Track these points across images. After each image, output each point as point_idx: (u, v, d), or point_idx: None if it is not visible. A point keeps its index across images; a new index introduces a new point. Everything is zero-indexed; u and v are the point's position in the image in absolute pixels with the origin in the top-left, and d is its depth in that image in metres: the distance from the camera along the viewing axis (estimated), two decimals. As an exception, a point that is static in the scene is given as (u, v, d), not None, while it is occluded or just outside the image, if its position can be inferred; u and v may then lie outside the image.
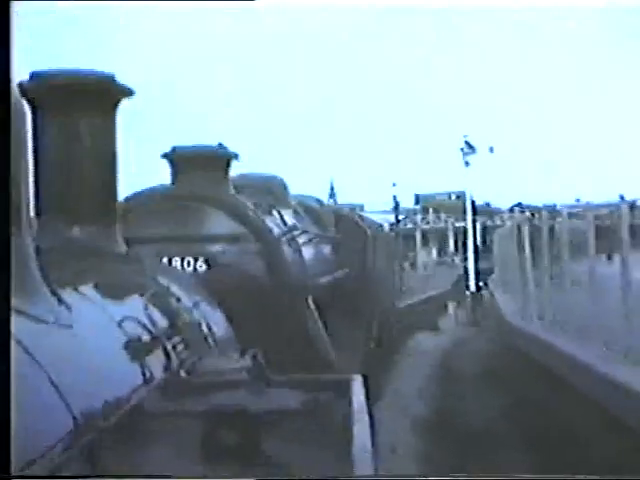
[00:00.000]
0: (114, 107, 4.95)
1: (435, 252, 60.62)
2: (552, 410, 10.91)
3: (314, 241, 10.76)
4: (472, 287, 37.23)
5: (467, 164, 38.69)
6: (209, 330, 5.10)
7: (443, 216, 65.88)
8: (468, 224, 39.24)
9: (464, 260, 44.84)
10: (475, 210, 39.87)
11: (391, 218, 44.76)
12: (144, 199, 8.39)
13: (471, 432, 11.84)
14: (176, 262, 7.94)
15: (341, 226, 13.33)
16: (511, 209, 62.61)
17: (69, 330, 3.25)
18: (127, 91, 4.97)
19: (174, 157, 8.80)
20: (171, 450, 2.91)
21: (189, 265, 8.06)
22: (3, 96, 2.44)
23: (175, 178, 8.78)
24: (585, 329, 11.48)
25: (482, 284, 36.00)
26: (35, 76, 4.68)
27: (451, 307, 35.05)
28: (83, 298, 3.90)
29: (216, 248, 8.29)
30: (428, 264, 50.14)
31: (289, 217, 10.05)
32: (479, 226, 40.61)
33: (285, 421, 3.10)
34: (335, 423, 3.17)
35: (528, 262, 16.19)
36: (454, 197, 68.03)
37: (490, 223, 43.89)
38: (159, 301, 4.64)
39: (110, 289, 4.37)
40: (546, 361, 12.37)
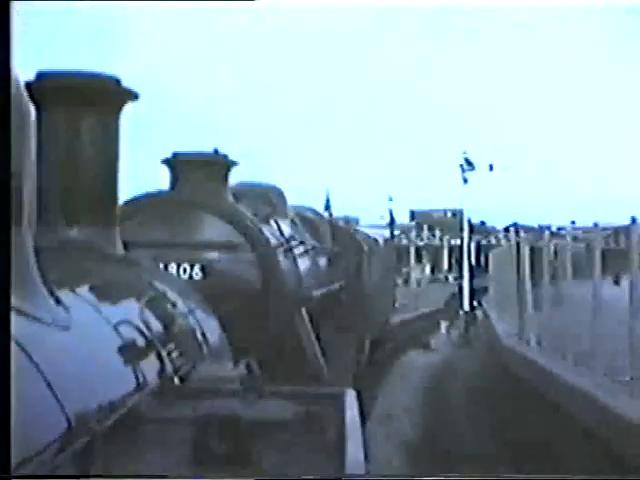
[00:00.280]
0: (118, 110, 4.96)
1: (429, 269, 60.52)
2: (547, 439, 10.60)
3: (310, 253, 10.77)
4: (466, 306, 36.93)
5: (465, 181, 38.51)
6: (203, 337, 5.10)
7: (438, 233, 65.86)
8: (464, 242, 39.00)
9: (458, 278, 44.68)
10: (472, 228, 39.77)
11: (386, 233, 44.65)
12: (143, 204, 8.39)
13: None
14: (172, 268, 7.94)
15: (338, 239, 13.35)
16: (506, 229, 62.65)
17: (66, 331, 3.25)
18: (132, 94, 4.98)
19: (174, 162, 8.81)
20: (162, 455, 2.91)
21: (185, 271, 8.06)
22: (3, 96, 2.43)
23: (174, 183, 8.79)
24: (586, 355, 10.99)
25: (476, 303, 35.74)
26: (41, 76, 4.68)
27: (443, 326, 34.65)
28: (80, 300, 3.89)
29: (212, 255, 8.29)
30: (421, 281, 49.99)
31: (286, 227, 10.06)
32: (474, 245, 40.38)
33: (277, 432, 3.10)
34: (328, 436, 3.17)
35: (527, 283, 15.72)
36: (449, 214, 68.15)
37: (485, 242, 43.75)
38: (155, 306, 4.63)
39: (107, 292, 4.36)
40: (545, 388, 11.91)
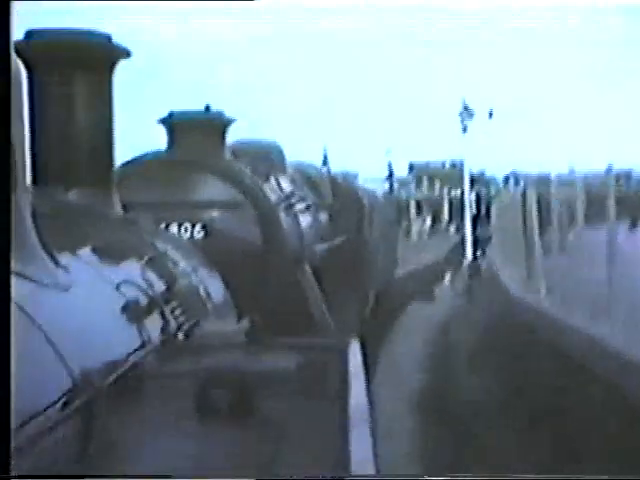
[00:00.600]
0: (111, 68, 4.88)
1: (429, 221, 60.17)
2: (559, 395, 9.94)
3: (311, 209, 10.75)
4: (469, 255, 36.75)
5: (465, 130, 37.56)
6: (207, 295, 5.12)
7: (438, 185, 65.49)
8: (466, 191, 38.44)
9: (459, 229, 44.48)
10: (472, 178, 39.38)
11: (385, 186, 44.30)
12: (141, 164, 8.36)
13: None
14: (173, 228, 7.94)
15: (338, 194, 13.32)
16: (506, 178, 62.18)
17: (67, 292, 3.26)
18: (124, 52, 4.90)
19: (171, 122, 8.76)
20: (166, 408, 2.94)
21: (186, 231, 8.06)
22: (3, 95, 2.42)
23: (172, 144, 8.75)
24: (602, 305, 10.40)
25: (480, 253, 35.64)
26: (30, 35, 4.61)
27: (447, 276, 34.50)
28: (81, 261, 3.91)
29: (213, 214, 8.28)
30: (422, 233, 49.71)
31: (286, 184, 10.04)
32: (474, 195, 39.75)
33: (281, 383, 3.12)
34: (331, 385, 3.19)
35: (535, 230, 14.98)
36: (449, 165, 67.78)
37: (485, 192, 43.37)
38: (157, 265, 4.65)
39: (108, 253, 4.37)
40: (557, 341, 11.21)
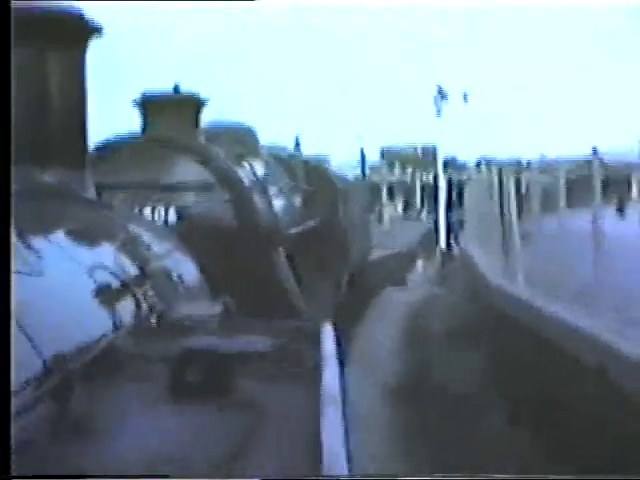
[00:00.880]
0: (83, 45, 4.79)
1: (401, 206, 59.99)
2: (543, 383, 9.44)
3: (285, 192, 10.75)
4: (442, 242, 36.50)
5: (439, 113, 37.10)
6: (180, 278, 5.10)
7: (409, 170, 65.45)
8: (440, 177, 38.09)
9: (431, 214, 44.27)
10: (445, 163, 39.15)
11: (357, 171, 43.98)
12: (116, 146, 8.32)
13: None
14: (147, 211, 7.90)
15: (311, 178, 13.32)
16: (478, 163, 62.07)
17: (39, 277, 3.24)
18: (96, 29, 4.82)
19: (144, 103, 8.72)
20: (140, 390, 2.93)
21: (160, 214, 8.03)
22: (4, 95, 2.39)
23: (145, 125, 8.71)
24: (584, 293, 9.89)
25: (453, 239, 35.44)
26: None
27: (420, 263, 34.15)
28: (54, 245, 3.88)
29: (187, 197, 8.26)
30: (394, 219, 49.53)
31: (260, 167, 10.03)
32: (446, 180, 39.20)
33: (254, 364, 3.13)
34: (304, 368, 3.20)
35: (513, 216, 14.51)
36: (420, 151, 67.84)
37: (457, 177, 43.18)
38: (129, 249, 4.63)
39: (81, 235, 4.35)
40: (539, 329, 10.55)
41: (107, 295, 3.78)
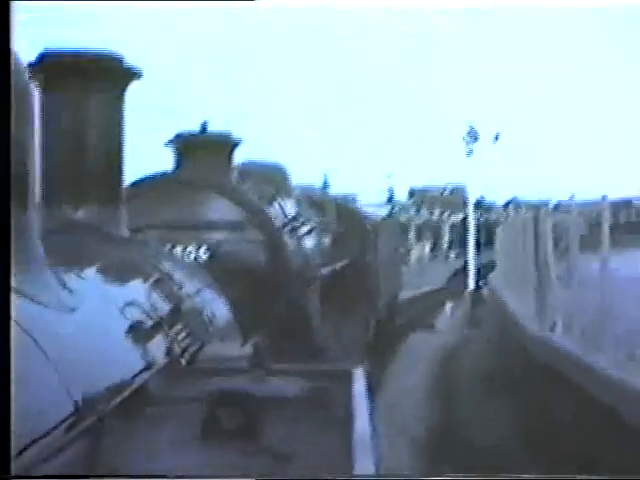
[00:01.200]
0: (123, 89, 4.92)
1: (428, 247, 59.57)
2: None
3: (315, 231, 10.75)
4: (471, 284, 35.79)
5: (470, 153, 36.78)
6: (211, 317, 5.10)
7: (437, 210, 65.18)
8: (470, 217, 37.56)
9: (459, 256, 43.75)
10: (477, 204, 38.70)
11: (385, 211, 43.80)
12: (148, 185, 8.37)
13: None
14: (179, 249, 7.92)
15: (342, 217, 13.33)
16: (506, 204, 61.56)
17: (72, 314, 3.24)
18: (136, 73, 4.94)
19: (178, 143, 8.79)
20: (170, 432, 2.92)
21: (191, 253, 8.05)
22: (4, 95, 2.42)
23: (179, 164, 8.77)
24: (630, 342, 9.21)
25: (482, 281, 34.82)
26: (44, 55, 4.65)
27: (448, 305, 33.39)
28: (87, 282, 3.89)
29: (219, 236, 8.28)
30: (422, 259, 49.07)
31: (291, 206, 10.05)
32: (474, 221, 38.65)
33: (285, 408, 3.10)
34: (335, 413, 3.17)
35: (551, 259, 13.77)
36: (449, 191, 67.64)
37: (485, 218, 42.68)
38: (162, 287, 4.63)
39: (114, 273, 4.36)
40: (583, 384, 9.66)
41: (139, 333, 3.78)
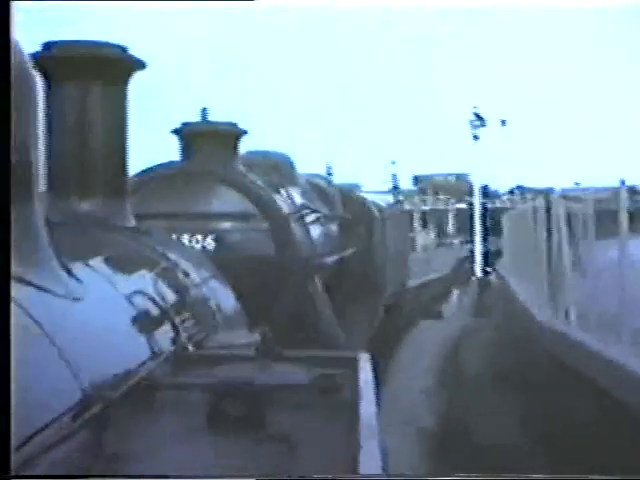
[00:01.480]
0: (126, 79, 4.93)
1: (433, 234, 59.42)
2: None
3: (322, 220, 10.76)
4: (478, 271, 35.77)
5: (476, 138, 36.81)
6: (218, 306, 5.12)
7: (442, 197, 65.09)
8: (475, 204, 37.57)
9: (465, 242, 43.68)
10: (482, 191, 38.71)
11: (389, 198, 43.72)
12: (154, 175, 8.39)
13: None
14: (185, 239, 7.95)
15: (348, 206, 13.34)
16: (510, 192, 61.49)
17: (78, 302, 3.26)
18: (139, 63, 4.95)
19: (184, 133, 8.80)
20: (177, 420, 2.94)
21: (198, 242, 8.07)
22: (4, 95, 2.43)
23: (185, 154, 8.78)
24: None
25: (489, 269, 34.73)
26: (47, 46, 4.67)
27: (455, 293, 33.15)
28: (93, 272, 3.91)
29: (225, 226, 8.30)
30: (428, 246, 48.94)
31: (297, 195, 10.06)
32: (480, 207, 38.52)
33: (291, 395, 3.12)
34: (341, 398, 3.19)
35: (565, 247, 13.28)
36: (454, 178, 67.59)
37: (490, 205, 42.56)
38: (168, 276, 4.65)
39: (120, 263, 4.38)
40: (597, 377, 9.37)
41: (146, 322, 3.80)
